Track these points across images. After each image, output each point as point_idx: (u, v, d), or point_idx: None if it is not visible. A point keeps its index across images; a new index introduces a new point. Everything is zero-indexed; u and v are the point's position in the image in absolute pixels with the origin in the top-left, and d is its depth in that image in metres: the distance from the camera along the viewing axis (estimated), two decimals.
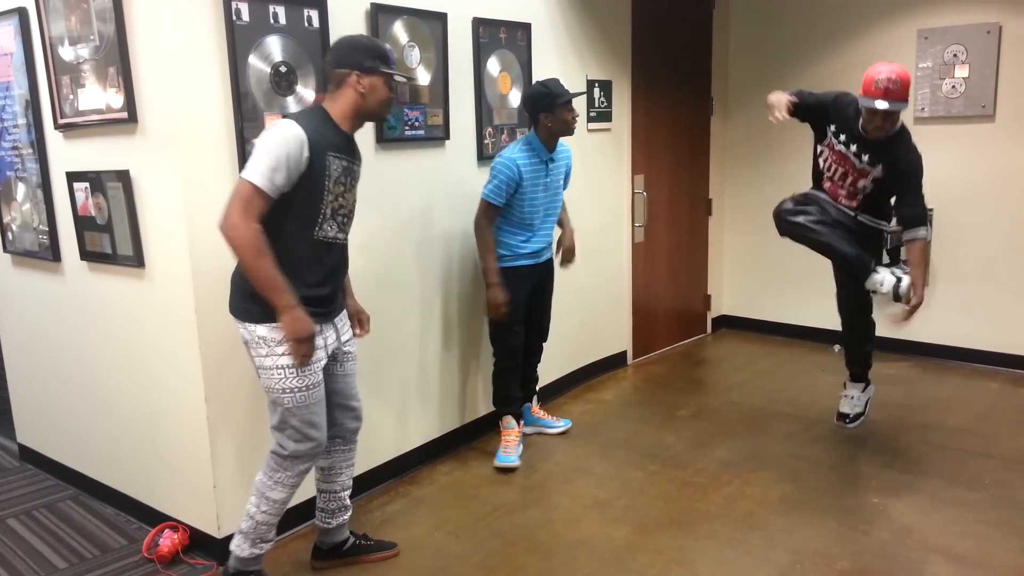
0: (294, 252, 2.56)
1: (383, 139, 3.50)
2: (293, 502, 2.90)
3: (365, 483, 3.61)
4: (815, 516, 3.35)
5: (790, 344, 5.73)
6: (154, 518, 3.33)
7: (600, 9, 4.75)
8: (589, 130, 4.76)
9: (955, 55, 4.95)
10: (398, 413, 3.76)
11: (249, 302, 2.57)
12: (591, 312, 4.97)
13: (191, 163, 2.84)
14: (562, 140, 3.87)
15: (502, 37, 4.07)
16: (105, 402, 3.48)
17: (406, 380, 3.78)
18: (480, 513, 3.46)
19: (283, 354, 2.57)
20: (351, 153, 2.68)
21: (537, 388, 4.28)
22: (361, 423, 2.98)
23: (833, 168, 3.86)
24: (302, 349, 2.54)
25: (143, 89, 2.85)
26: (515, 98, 4.19)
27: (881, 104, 3.39)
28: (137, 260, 3.07)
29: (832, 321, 5.66)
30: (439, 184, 3.83)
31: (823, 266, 5.64)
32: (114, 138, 3.03)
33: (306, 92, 3.15)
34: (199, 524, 3.16)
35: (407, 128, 3.60)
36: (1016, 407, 4.49)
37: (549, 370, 4.66)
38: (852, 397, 4.33)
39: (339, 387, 2.87)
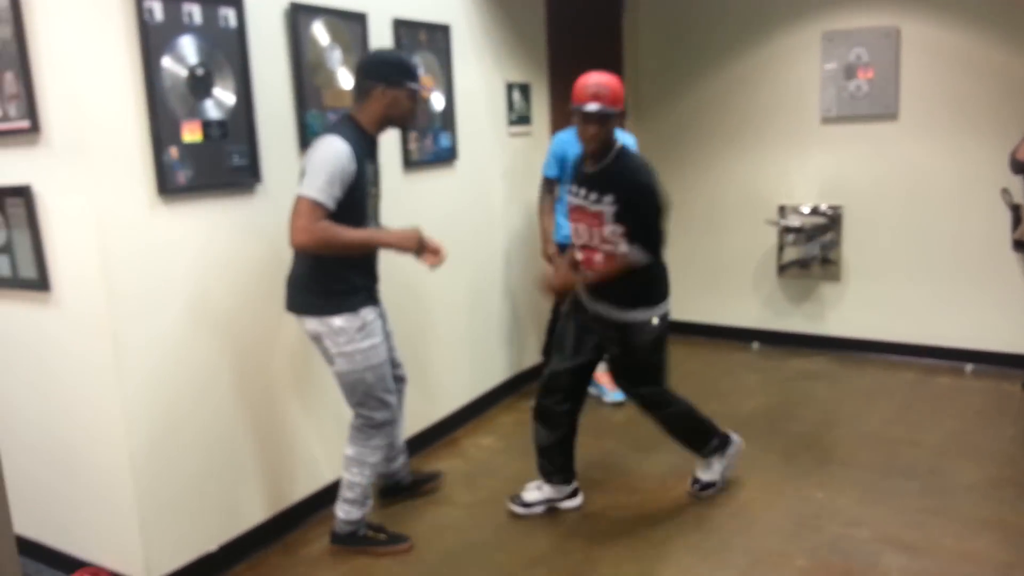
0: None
1: (307, 145, 3.30)
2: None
3: (300, 513, 3.40)
4: (765, 515, 3.34)
5: (711, 344, 5.78)
6: (70, 565, 3.03)
7: (516, 12, 4.67)
8: (511, 134, 4.67)
9: (858, 57, 5.10)
10: (326, 437, 3.55)
11: (322, 297, 2.89)
12: (517, 319, 4.88)
13: (102, 175, 2.60)
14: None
15: (422, 39, 3.93)
16: (8, 440, 3.15)
17: (334, 400, 3.58)
18: (426, 536, 3.29)
19: (363, 339, 2.93)
20: (376, 155, 3.00)
21: None
22: (406, 376, 3.41)
23: (576, 230, 3.30)
24: (423, 249, 3.00)
25: (46, 95, 2.59)
26: (437, 101, 4.05)
27: (591, 107, 3.04)
28: (41, 283, 2.79)
29: (750, 319, 5.79)
30: None
31: (735, 263, 5.78)
32: (13, 149, 2.74)
33: (224, 95, 2.94)
34: (124, 567, 2.89)
35: None
36: (934, 395, 4.63)
37: (473, 383, 4.55)
38: (710, 465, 3.58)
39: (388, 354, 3.18)
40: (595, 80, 3.09)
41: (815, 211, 5.36)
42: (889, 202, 5.19)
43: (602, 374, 4.36)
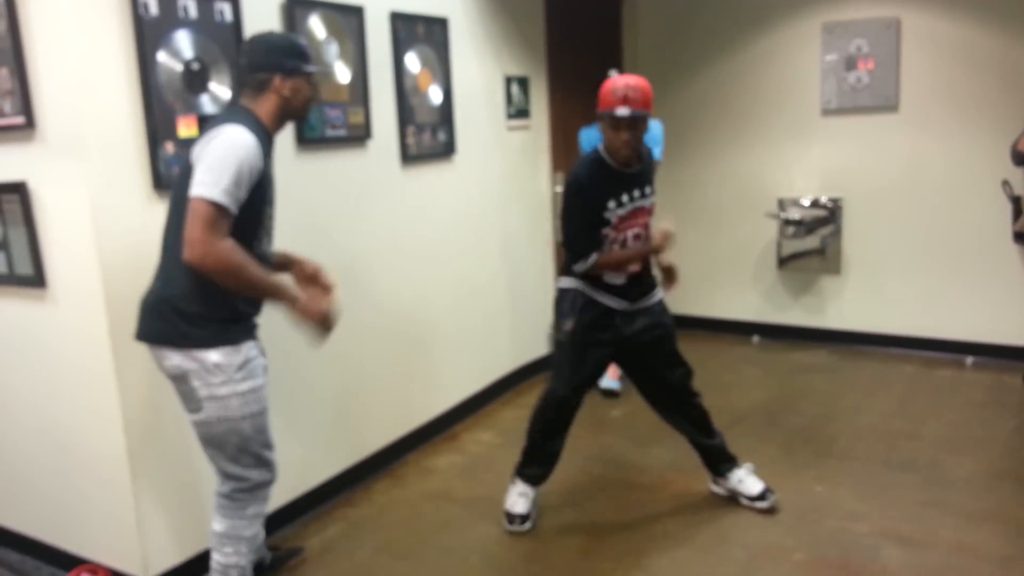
0: None
1: (304, 140, 3.30)
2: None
3: (297, 509, 3.40)
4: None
5: (712, 338, 5.77)
6: (68, 562, 3.03)
7: (515, 5, 4.65)
8: (509, 128, 4.66)
9: (859, 48, 5.07)
10: (325, 434, 3.55)
11: (196, 325, 2.35)
12: (516, 314, 4.87)
13: (99, 171, 2.59)
14: None
15: (420, 33, 3.91)
16: (5, 437, 3.15)
17: (334, 395, 3.58)
18: (426, 532, 3.29)
19: (242, 379, 2.40)
20: (273, 157, 2.52)
21: None
22: None
23: (632, 238, 3.19)
24: (326, 324, 2.50)
25: (42, 91, 2.58)
26: (435, 95, 4.04)
27: (622, 111, 2.98)
28: (37, 280, 2.78)
29: (750, 312, 5.78)
30: (363, 186, 3.65)
31: (735, 256, 5.77)
32: (8, 146, 2.73)
33: (220, 90, 2.92)
34: (122, 565, 2.89)
35: (328, 128, 3.41)
36: (934, 388, 4.62)
37: (473, 377, 4.54)
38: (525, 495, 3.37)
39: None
40: (624, 82, 3.02)
41: (815, 204, 5.35)
42: (889, 194, 5.17)
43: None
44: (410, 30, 3.85)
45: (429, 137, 4.01)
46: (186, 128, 2.80)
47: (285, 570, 3.04)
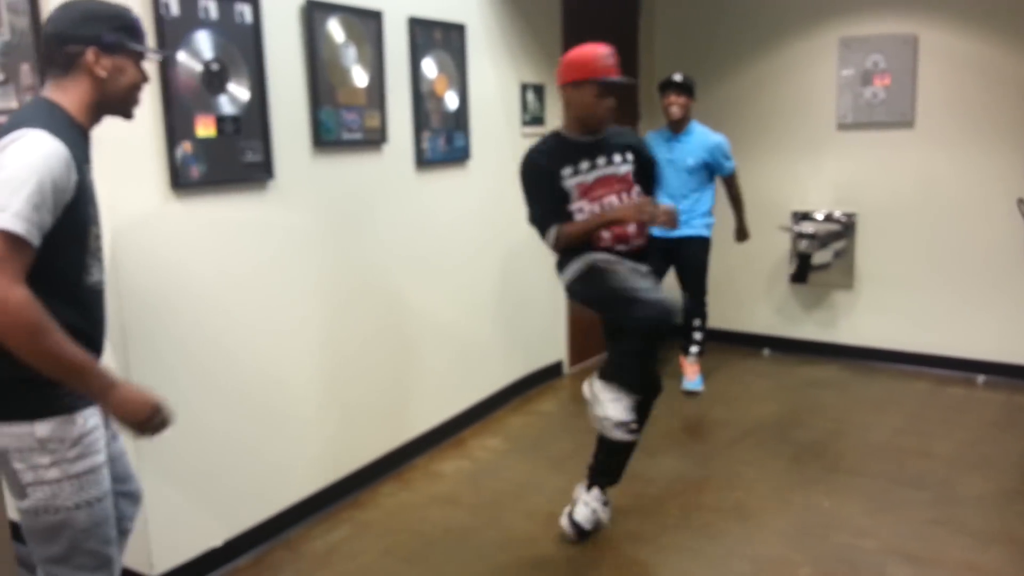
0: (59, 316, 1.77)
1: (320, 142, 3.32)
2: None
3: (304, 510, 3.40)
4: (771, 522, 3.32)
5: (722, 350, 5.75)
6: None
7: (532, 13, 4.67)
8: (524, 135, 4.67)
9: (875, 63, 5.07)
10: (332, 435, 3.56)
11: (11, 390, 1.83)
12: (527, 321, 4.87)
13: (116, 171, 2.59)
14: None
15: (437, 38, 3.93)
16: None
17: (342, 396, 3.59)
18: (432, 536, 3.29)
19: (77, 458, 1.87)
20: (90, 158, 1.97)
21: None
22: (140, 492, 2.29)
23: (606, 206, 3.07)
24: (157, 425, 1.94)
25: None
26: (452, 100, 4.05)
27: (620, 77, 2.98)
28: None
29: (761, 325, 5.76)
30: (377, 190, 3.66)
31: (747, 269, 5.75)
32: None
33: (239, 91, 2.94)
34: (128, 561, 2.87)
35: (344, 131, 3.43)
36: (946, 406, 4.60)
37: (482, 383, 4.54)
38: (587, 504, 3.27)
39: (115, 471, 2.10)
40: (606, 50, 2.97)
41: (829, 218, 5.34)
42: (904, 210, 5.15)
43: (686, 363, 4.93)
44: (428, 35, 3.86)
45: (444, 142, 4.02)
46: (204, 128, 2.82)
47: (293, 573, 3.03)
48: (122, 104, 2.01)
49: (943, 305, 5.11)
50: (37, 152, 1.73)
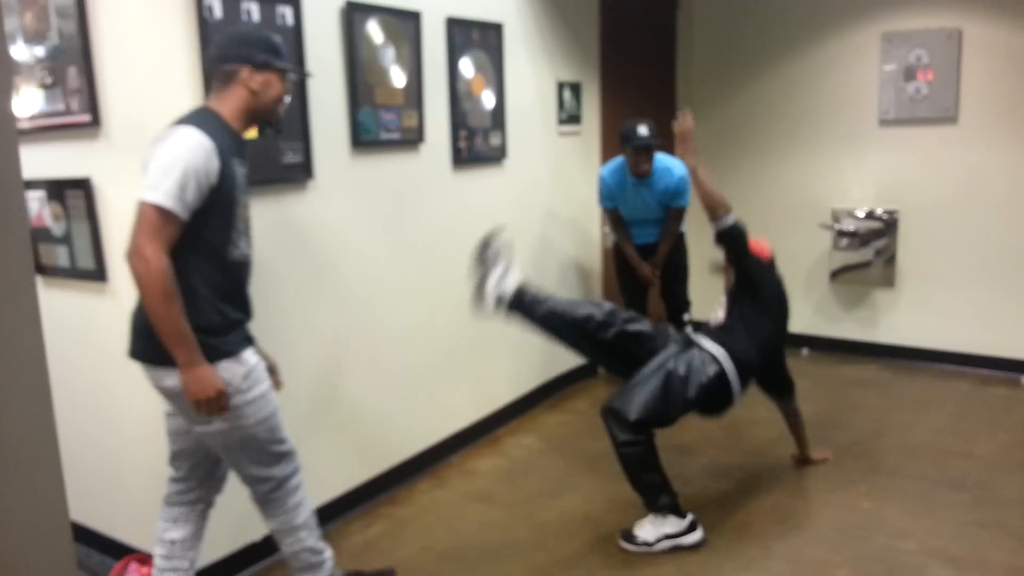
0: (210, 279, 2.28)
1: (358, 142, 3.35)
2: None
3: (342, 506, 3.45)
4: (809, 523, 3.30)
5: None
6: (118, 550, 3.11)
7: (569, 11, 4.67)
8: (560, 133, 4.67)
9: (918, 58, 4.99)
10: (370, 433, 3.60)
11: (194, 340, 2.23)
12: None
13: None
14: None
15: (475, 38, 3.95)
16: (63, 428, 3.24)
17: (379, 394, 3.62)
18: (468, 533, 3.32)
19: (250, 388, 2.33)
20: (244, 156, 2.41)
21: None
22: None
23: None
24: (214, 406, 2.24)
25: (107, 90, 2.67)
26: (488, 100, 4.07)
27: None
28: (99, 274, 2.87)
29: (800, 324, 5.70)
30: (415, 189, 3.69)
31: (786, 267, 5.63)
32: (74, 143, 2.82)
33: None
34: None
35: (383, 131, 3.46)
36: (988, 406, 4.52)
37: (518, 381, 4.56)
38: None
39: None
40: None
41: (870, 215, 5.27)
42: (947, 207, 5.07)
43: None
44: (465, 35, 3.88)
45: (481, 141, 4.04)
46: None
47: (338, 566, 3.03)
48: (270, 114, 2.41)
49: (986, 304, 5.03)
50: (184, 143, 2.15)
